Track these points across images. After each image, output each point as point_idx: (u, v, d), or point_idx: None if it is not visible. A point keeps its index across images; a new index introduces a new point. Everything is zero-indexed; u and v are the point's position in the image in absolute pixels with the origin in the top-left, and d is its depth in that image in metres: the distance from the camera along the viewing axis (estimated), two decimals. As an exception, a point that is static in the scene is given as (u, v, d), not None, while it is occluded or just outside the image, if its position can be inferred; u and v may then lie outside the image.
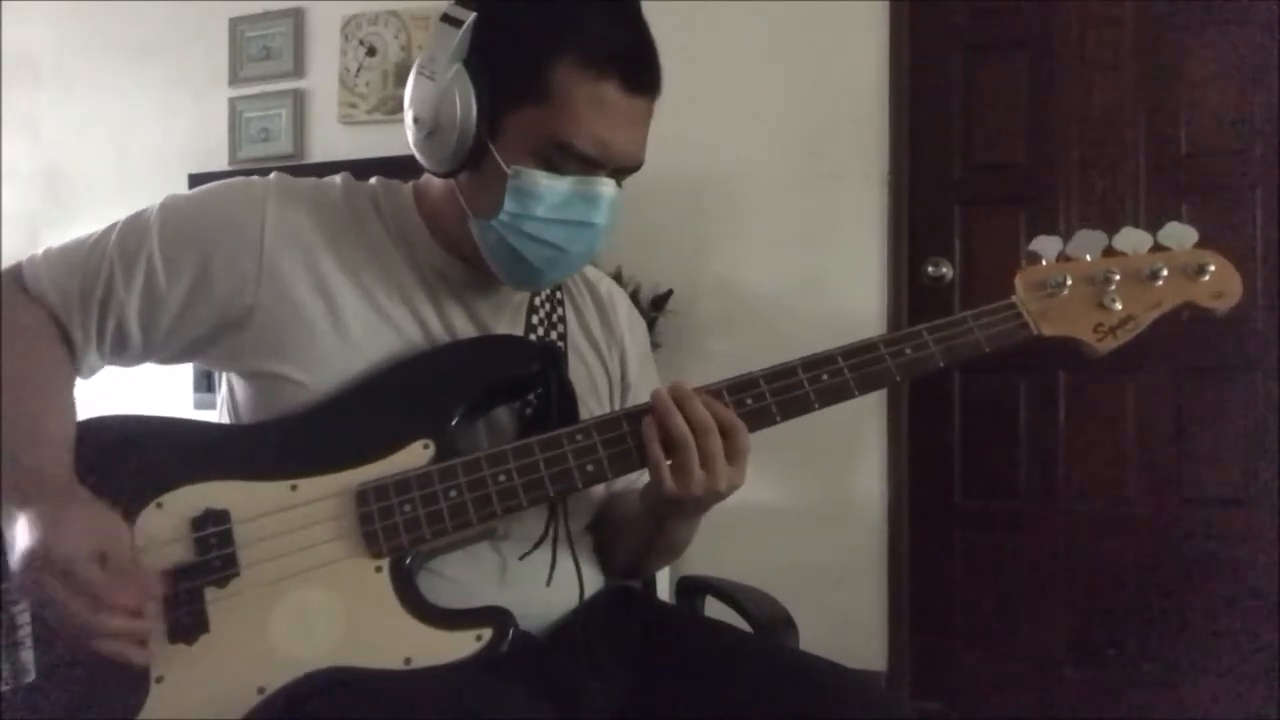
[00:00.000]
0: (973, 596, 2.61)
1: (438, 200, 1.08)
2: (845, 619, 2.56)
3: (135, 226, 1.04)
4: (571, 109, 0.97)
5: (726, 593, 1.28)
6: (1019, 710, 2.54)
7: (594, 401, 1.15)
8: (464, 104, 0.97)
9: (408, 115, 1.02)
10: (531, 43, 0.98)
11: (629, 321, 1.26)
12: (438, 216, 1.09)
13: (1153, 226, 1.09)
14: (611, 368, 1.21)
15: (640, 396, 1.16)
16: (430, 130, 0.99)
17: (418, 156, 1.04)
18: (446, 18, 0.99)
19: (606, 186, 1.01)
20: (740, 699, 0.98)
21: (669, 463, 0.97)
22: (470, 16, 0.98)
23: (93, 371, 1.07)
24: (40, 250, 1.06)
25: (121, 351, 1.05)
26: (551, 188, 0.99)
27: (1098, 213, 2.49)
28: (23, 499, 0.90)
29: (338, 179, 1.13)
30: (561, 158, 0.98)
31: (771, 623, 1.20)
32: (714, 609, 1.30)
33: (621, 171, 1.03)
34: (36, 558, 0.85)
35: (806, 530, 2.67)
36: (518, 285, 1.10)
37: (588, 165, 0.99)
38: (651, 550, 1.16)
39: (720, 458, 0.97)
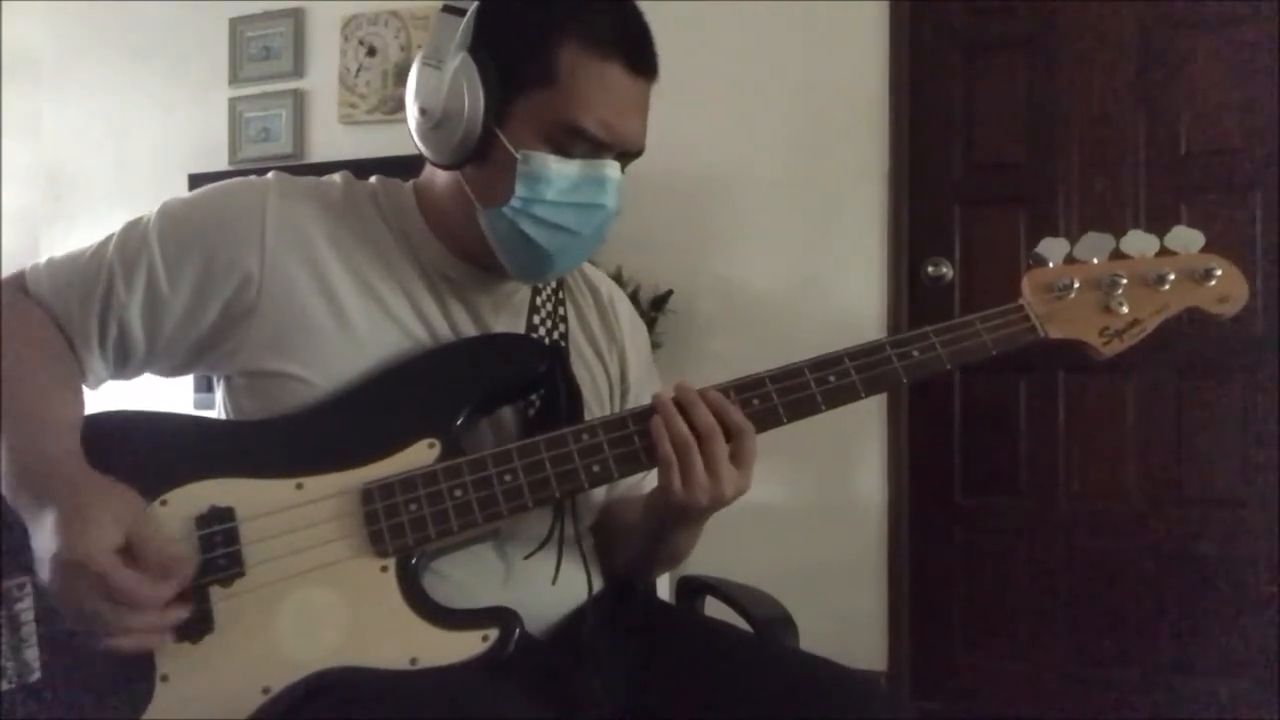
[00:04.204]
0: (973, 596, 2.61)
1: (441, 196, 1.08)
2: (845, 619, 2.56)
3: (134, 232, 1.04)
4: (578, 91, 0.98)
5: (726, 593, 1.28)
6: (1019, 710, 2.54)
7: (594, 402, 1.15)
8: (471, 91, 0.98)
9: (413, 107, 1.02)
10: (536, 26, 0.99)
11: (630, 325, 1.26)
12: (440, 213, 1.09)
13: (1153, 226, 1.10)
14: (611, 369, 1.21)
15: (640, 400, 1.16)
16: (438, 120, 1.00)
17: (423, 149, 1.04)
18: (449, 8, 1.00)
19: (613, 169, 1.02)
20: (740, 699, 0.97)
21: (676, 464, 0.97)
22: (473, 5, 0.99)
23: (99, 381, 1.06)
24: (42, 259, 1.06)
25: (125, 359, 1.05)
26: (561, 171, 0.99)
27: (1098, 213, 2.49)
28: (41, 496, 0.89)
29: (338, 177, 1.13)
30: (570, 141, 0.99)
31: (771, 623, 1.20)
32: (714, 609, 1.30)
33: (625, 156, 1.04)
34: (64, 561, 0.84)
35: (806, 530, 2.67)
36: (526, 276, 1.10)
37: (595, 148, 1.00)
38: (652, 558, 1.16)
39: (724, 462, 0.96)
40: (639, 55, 1.01)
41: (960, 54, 2.64)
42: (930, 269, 2.63)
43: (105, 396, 1.07)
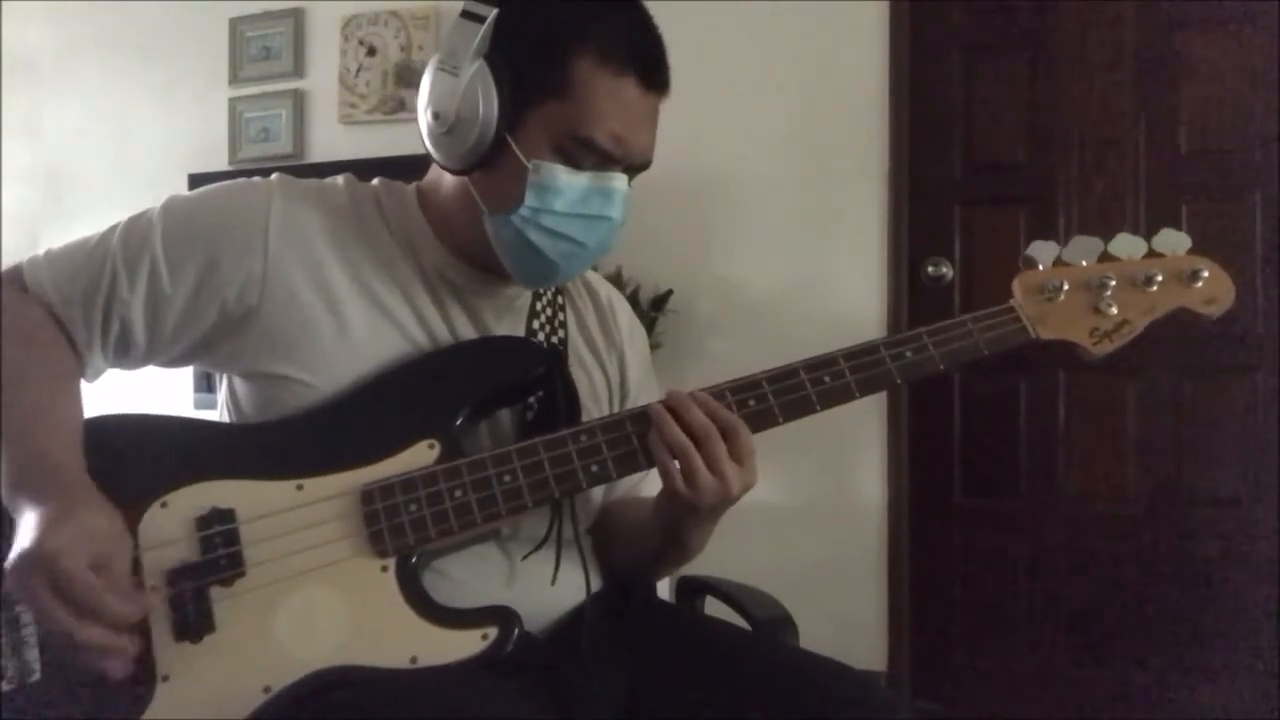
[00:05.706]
0: (973, 596, 2.61)
1: (446, 200, 1.08)
2: (845, 619, 2.57)
3: (138, 227, 1.04)
4: (592, 104, 0.98)
5: (726, 593, 1.29)
6: (1019, 710, 2.55)
7: (593, 406, 1.15)
8: (486, 99, 0.98)
9: (425, 112, 1.02)
10: (553, 38, 0.99)
11: (630, 329, 1.26)
12: (444, 217, 1.09)
13: (1152, 227, 1.11)
14: (611, 373, 1.22)
15: (639, 404, 1.16)
16: (450, 126, 1.00)
17: (433, 153, 1.04)
18: (467, 14, 1.00)
19: (620, 181, 1.02)
20: (740, 699, 0.98)
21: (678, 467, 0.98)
22: (492, 13, 0.99)
23: (97, 374, 1.06)
24: (41, 251, 1.06)
25: (125, 353, 1.05)
26: (571, 183, 1.00)
27: (1097, 213, 2.50)
28: (34, 493, 0.89)
29: (340, 180, 1.13)
30: (581, 153, 0.99)
31: (771, 623, 1.21)
32: (714, 609, 1.30)
33: (633, 169, 1.04)
34: (30, 559, 0.84)
35: (806, 530, 2.68)
36: (530, 282, 1.10)
37: (605, 160, 1.00)
38: (663, 558, 1.16)
39: (726, 460, 0.97)
40: (653, 70, 1.02)
41: (960, 54, 2.64)
42: (930, 269, 2.63)
43: (107, 398, 1.07)
